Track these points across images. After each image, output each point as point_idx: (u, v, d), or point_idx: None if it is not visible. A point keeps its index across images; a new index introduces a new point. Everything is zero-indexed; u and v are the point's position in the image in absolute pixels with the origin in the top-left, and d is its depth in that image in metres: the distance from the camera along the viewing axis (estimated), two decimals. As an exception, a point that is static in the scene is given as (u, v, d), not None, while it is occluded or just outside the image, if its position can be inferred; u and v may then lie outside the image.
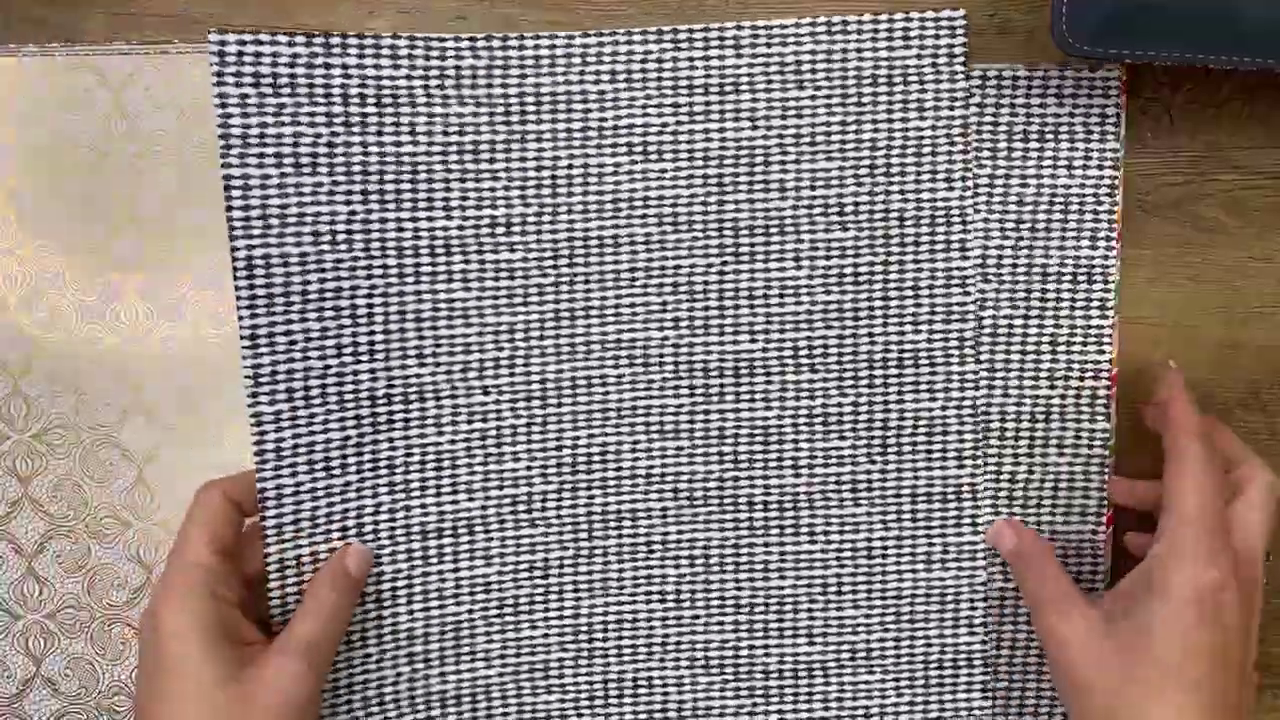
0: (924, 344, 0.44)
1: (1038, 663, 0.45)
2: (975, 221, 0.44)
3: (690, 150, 0.43)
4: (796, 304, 0.44)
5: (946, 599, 0.45)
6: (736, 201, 0.43)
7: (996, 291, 0.44)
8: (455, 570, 0.44)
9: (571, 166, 0.43)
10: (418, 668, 0.44)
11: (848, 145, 0.43)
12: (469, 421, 0.44)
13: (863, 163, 0.43)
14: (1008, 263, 0.44)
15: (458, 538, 0.44)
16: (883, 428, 0.44)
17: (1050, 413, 0.44)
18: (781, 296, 0.44)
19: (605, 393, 0.44)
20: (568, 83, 0.43)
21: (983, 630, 0.45)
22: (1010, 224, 0.44)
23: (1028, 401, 0.44)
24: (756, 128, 0.43)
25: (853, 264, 0.44)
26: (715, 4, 0.44)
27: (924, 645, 0.45)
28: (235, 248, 0.41)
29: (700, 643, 0.45)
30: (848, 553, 0.45)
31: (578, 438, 0.44)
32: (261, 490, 0.42)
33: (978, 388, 0.44)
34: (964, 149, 0.43)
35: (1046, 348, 0.44)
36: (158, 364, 0.45)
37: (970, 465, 0.44)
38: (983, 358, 0.44)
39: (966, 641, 0.45)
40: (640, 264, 0.44)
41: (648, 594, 0.45)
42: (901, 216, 0.43)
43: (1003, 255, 0.44)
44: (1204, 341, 0.45)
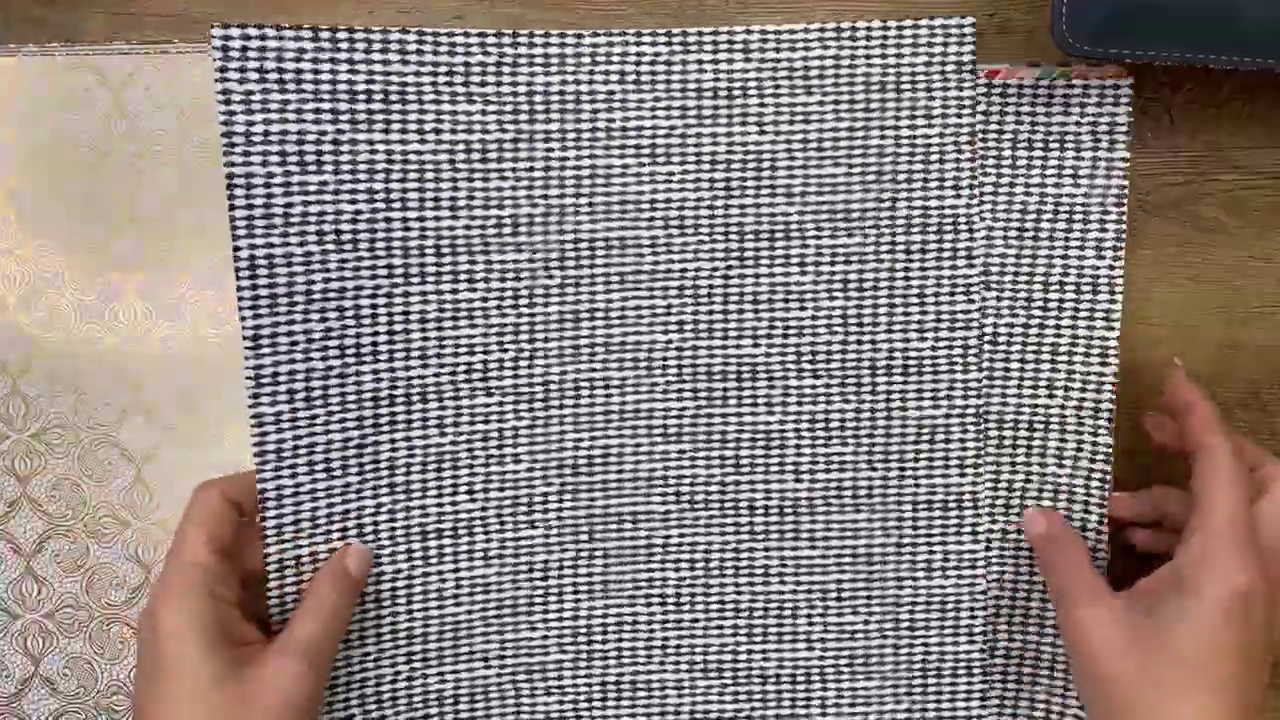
0: (928, 351, 0.44)
1: (1033, 673, 0.45)
2: (981, 229, 0.44)
3: (698, 153, 0.43)
4: (801, 309, 0.44)
5: (946, 606, 0.45)
6: (743, 206, 0.43)
7: (999, 299, 0.44)
8: (455, 571, 0.44)
9: (579, 168, 0.43)
10: (416, 668, 0.44)
11: (855, 151, 0.43)
12: (471, 423, 0.44)
13: (869, 169, 0.43)
14: (1011, 271, 0.44)
15: (458, 539, 0.44)
16: (885, 434, 0.44)
17: (1050, 423, 0.44)
18: (786, 301, 0.44)
19: (608, 395, 0.44)
20: (577, 83, 0.42)
21: (982, 638, 0.45)
22: (1015, 232, 0.44)
23: (1027, 410, 0.44)
24: (764, 132, 0.43)
25: (858, 270, 0.43)
26: (715, 4, 0.44)
27: (923, 652, 0.45)
28: (238, 247, 0.40)
29: (699, 646, 0.45)
30: (848, 558, 0.45)
31: (579, 440, 0.44)
32: (262, 491, 0.41)
33: (980, 396, 0.44)
34: (971, 156, 0.43)
35: (1048, 358, 0.44)
36: (157, 364, 0.45)
37: (972, 473, 0.44)
38: (985, 365, 0.44)
39: (965, 649, 0.45)
40: (645, 267, 0.43)
41: (648, 597, 0.45)
42: (908, 223, 0.43)
43: (1006, 263, 0.44)
44: (1204, 341, 0.46)
